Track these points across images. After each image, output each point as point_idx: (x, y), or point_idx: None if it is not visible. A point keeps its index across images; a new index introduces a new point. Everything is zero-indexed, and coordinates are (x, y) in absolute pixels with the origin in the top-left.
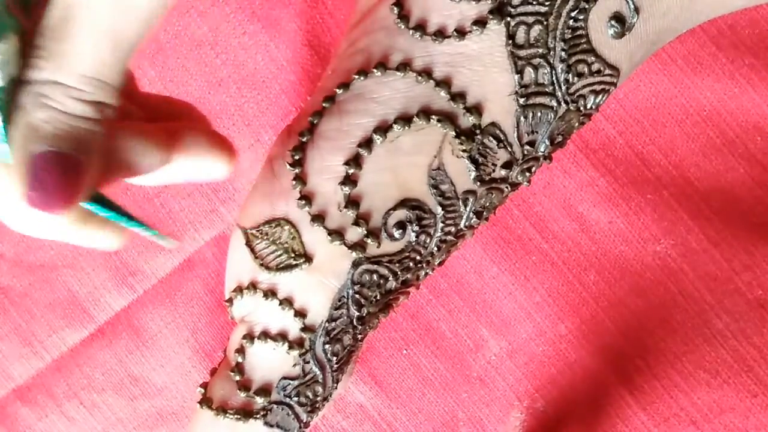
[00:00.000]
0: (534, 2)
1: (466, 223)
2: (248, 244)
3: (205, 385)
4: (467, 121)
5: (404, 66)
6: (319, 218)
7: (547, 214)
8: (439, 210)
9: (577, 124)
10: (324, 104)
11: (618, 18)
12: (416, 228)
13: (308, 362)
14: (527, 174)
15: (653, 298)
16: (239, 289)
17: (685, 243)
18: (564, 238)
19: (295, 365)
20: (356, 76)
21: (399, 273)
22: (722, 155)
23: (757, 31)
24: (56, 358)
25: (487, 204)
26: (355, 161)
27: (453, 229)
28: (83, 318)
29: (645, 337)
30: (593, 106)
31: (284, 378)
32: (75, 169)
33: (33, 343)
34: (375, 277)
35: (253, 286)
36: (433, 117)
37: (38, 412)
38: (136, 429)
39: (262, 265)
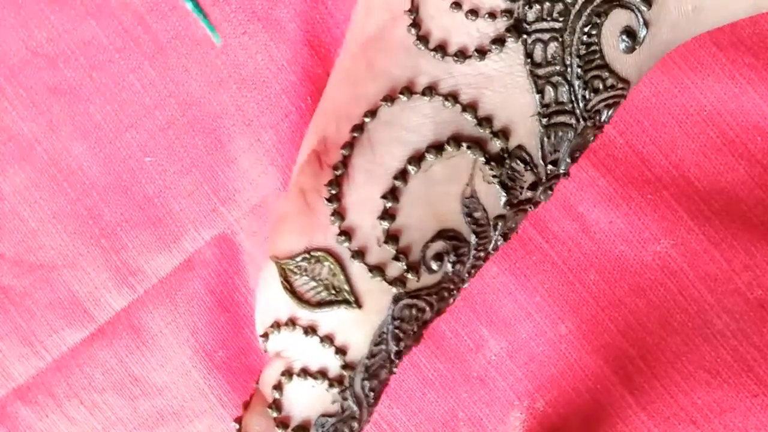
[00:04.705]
0: (548, 18)
1: (494, 246)
2: (287, 279)
3: (239, 420)
4: (495, 145)
5: (430, 90)
6: (359, 254)
7: (548, 214)
8: (473, 238)
9: (592, 138)
10: (354, 134)
11: (629, 32)
12: (453, 258)
13: (347, 399)
14: (549, 192)
15: (653, 297)
16: (276, 325)
17: (685, 243)
18: (564, 238)
19: (333, 402)
20: (383, 103)
21: (435, 304)
22: (722, 155)
23: (758, 31)
24: (56, 357)
25: (513, 225)
26: (392, 194)
27: (483, 254)
28: (83, 318)
29: (645, 336)
30: (606, 120)
31: (323, 415)
32: None
33: (33, 342)
34: (414, 311)
35: (291, 322)
36: (463, 144)
37: (38, 412)
38: (137, 429)
39: (301, 301)
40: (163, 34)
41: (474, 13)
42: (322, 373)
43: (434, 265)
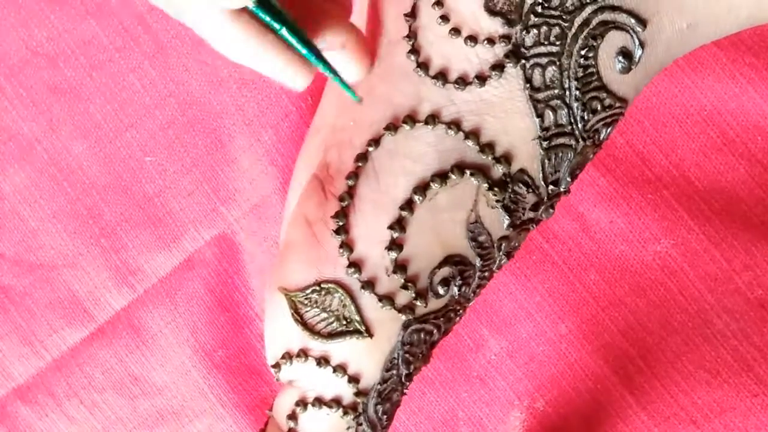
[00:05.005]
0: (546, 42)
1: (498, 265)
2: (297, 311)
3: None
4: (498, 171)
5: (433, 118)
6: (369, 285)
7: None
8: (478, 261)
9: (591, 156)
10: (358, 164)
11: (625, 53)
12: (459, 282)
13: (361, 424)
14: (551, 211)
15: (653, 297)
16: (288, 356)
17: (685, 243)
18: (564, 237)
19: (348, 428)
20: (385, 132)
21: (442, 326)
22: (723, 155)
23: (759, 31)
24: (56, 357)
25: (516, 244)
26: (399, 224)
27: (488, 273)
28: (83, 317)
29: (645, 336)
30: (605, 137)
31: None
32: None
33: (33, 342)
34: (423, 334)
35: (303, 353)
36: (467, 171)
37: (38, 412)
38: (136, 428)
39: (312, 332)
40: (163, 33)
41: (473, 39)
42: (337, 402)
43: (441, 290)
